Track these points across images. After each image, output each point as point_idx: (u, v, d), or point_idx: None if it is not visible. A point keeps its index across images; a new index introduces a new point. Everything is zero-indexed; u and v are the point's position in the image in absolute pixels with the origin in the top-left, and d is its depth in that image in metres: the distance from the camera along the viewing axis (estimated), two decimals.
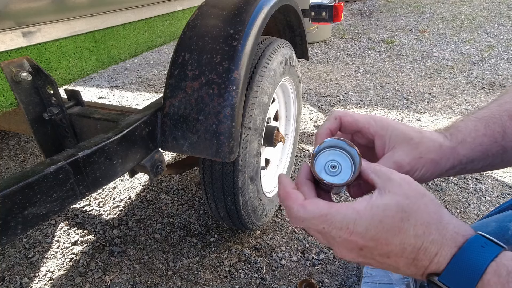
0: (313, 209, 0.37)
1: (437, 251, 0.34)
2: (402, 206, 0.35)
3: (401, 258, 0.35)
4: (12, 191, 0.57)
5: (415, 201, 0.35)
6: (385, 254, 0.36)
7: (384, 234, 0.35)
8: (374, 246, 0.35)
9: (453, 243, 0.34)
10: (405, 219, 0.34)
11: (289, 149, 1.59)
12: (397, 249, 0.35)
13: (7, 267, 1.31)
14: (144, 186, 1.73)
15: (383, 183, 0.37)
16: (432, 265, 0.34)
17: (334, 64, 3.38)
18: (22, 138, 2.23)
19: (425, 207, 0.35)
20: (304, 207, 0.37)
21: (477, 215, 1.47)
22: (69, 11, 0.88)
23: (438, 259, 0.34)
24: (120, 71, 3.46)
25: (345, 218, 0.35)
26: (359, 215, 0.35)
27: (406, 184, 0.37)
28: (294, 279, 1.23)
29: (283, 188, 0.40)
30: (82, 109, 0.96)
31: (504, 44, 3.54)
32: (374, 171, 0.39)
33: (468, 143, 0.45)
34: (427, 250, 0.34)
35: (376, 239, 0.35)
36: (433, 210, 0.35)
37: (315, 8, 1.81)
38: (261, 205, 1.25)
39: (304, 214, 0.37)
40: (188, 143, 0.88)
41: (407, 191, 0.36)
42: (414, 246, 0.34)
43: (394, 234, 0.34)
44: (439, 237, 0.34)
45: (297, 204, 0.38)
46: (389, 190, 0.36)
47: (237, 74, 0.86)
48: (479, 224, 0.59)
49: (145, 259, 1.32)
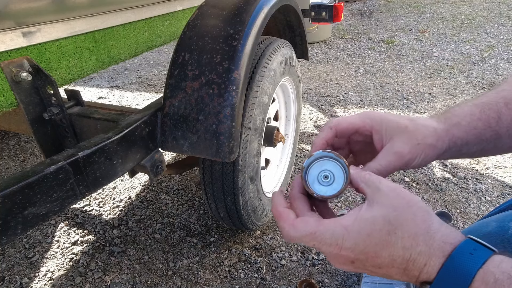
0: (302, 228, 0.38)
1: (425, 262, 0.35)
2: (389, 219, 0.36)
3: (392, 268, 0.36)
4: (12, 191, 0.57)
5: (402, 213, 0.36)
6: (377, 265, 0.37)
7: (372, 247, 0.36)
8: (365, 259, 0.37)
9: (441, 252, 0.34)
10: (392, 232, 0.35)
11: (289, 149, 1.59)
12: (387, 261, 0.36)
13: (7, 267, 1.31)
14: (144, 186, 1.73)
15: (372, 193, 0.38)
16: (422, 275, 0.35)
17: (334, 64, 3.38)
18: (22, 138, 2.23)
19: (413, 217, 0.36)
20: (294, 227, 0.39)
21: (477, 215, 1.47)
22: (69, 11, 0.88)
23: (427, 269, 0.34)
24: (120, 71, 3.46)
25: (333, 234, 0.37)
26: (347, 231, 0.36)
27: (393, 194, 0.37)
28: (294, 279, 1.23)
29: (275, 207, 0.42)
30: (82, 109, 0.96)
31: (504, 44, 3.54)
32: (363, 181, 0.40)
33: (462, 126, 0.46)
34: (415, 261, 0.35)
35: (366, 253, 0.36)
36: (421, 220, 0.36)
37: (315, 8, 1.81)
38: (261, 205, 1.25)
39: (295, 233, 0.38)
40: (188, 143, 0.88)
41: (394, 202, 0.37)
42: (403, 258, 0.35)
43: (383, 247, 0.35)
44: (427, 248, 0.35)
45: (288, 224, 0.39)
46: (377, 202, 0.37)
47: (237, 74, 0.86)
48: (479, 224, 0.59)
49: (145, 259, 1.32)
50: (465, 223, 1.44)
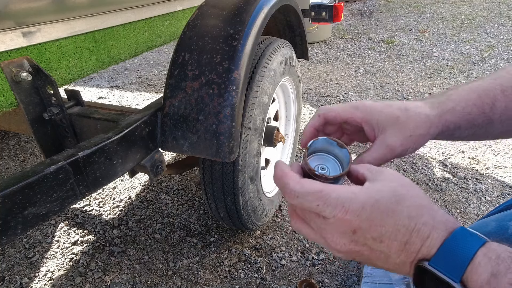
0: (309, 186, 0.37)
1: (429, 234, 0.35)
2: (396, 190, 0.37)
3: (394, 241, 0.35)
4: (12, 191, 0.57)
5: (408, 188, 0.37)
6: (378, 238, 0.36)
7: (379, 214, 0.35)
8: (368, 227, 0.35)
9: (444, 226, 0.35)
10: (400, 201, 0.36)
11: (289, 149, 1.59)
12: (391, 230, 0.35)
13: (7, 267, 1.31)
14: (144, 186, 1.73)
15: (374, 175, 0.39)
16: (423, 248, 0.35)
17: (334, 64, 3.38)
18: (22, 138, 2.23)
19: (417, 193, 0.38)
20: (300, 184, 0.37)
21: (477, 215, 1.47)
22: (69, 11, 0.88)
23: (429, 242, 0.35)
24: (120, 71, 3.46)
25: (340, 196, 0.36)
26: (355, 195, 0.36)
27: (397, 176, 0.39)
28: (294, 279, 1.23)
29: (280, 169, 0.40)
30: (82, 109, 0.96)
31: (504, 44, 3.54)
32: (368, 169, 0.41)
33: (457, 112, 0.47)
34: (419, 232, 0.35)
35: (371, 219, 0.35)
36: (424, 197, 0.38)
37: (315, 8, 1.81)
38: (261, 205, 1.25)
39: (300, 189, 0.37)
40: (188, 143, 0.88)
41: (399, 180, 0.38)
42: (407, 228, 0.35)
43: (388, 215, 0.35)
44: (431, 220, 0.35)
45: (294, 180, 0.38)
46: (382, 179, 0.38)
47: (237, 74, 0.86)
48: (479, 224, 0.60)
49: (145, 259, 1.32)
50: (465, 223, 1.44)
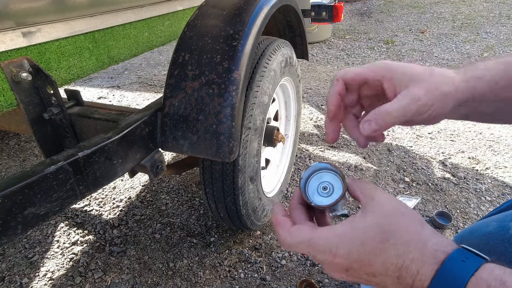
0: (297, 235, 0.39)
1: (418, 269, 0.35)
2: (382, 227, 0.36)
3: (386, 276, 0.36)
4: (12, 191, 0.57)
5: (395, 221, 0.37)
6: (371, 274, 0.37)
7: (366, 255, 0.36)
8: (359, 267, 0.37)
9: (433, 259, 0.34)
10: (385, 240, 0.36)
11: (289, 149, 1.59)
12: (380, 269, 0.36)
13: (7, 267, 1.31)
14: (144, 186, 1.73)
15: (366, 202, 0.39)
16: (416, 283, 0.35)
17: (334, 64, 3.38)
18: (22, 138, 2.23)
19: (405, 226, 0.36)
20: (290, 234, 0.40)
21: (477, 215, 1.47)
22: (69, 11, 0.88)
23: (420, 277, 0.35)
24: (120, 71, 3.46)
25: (327, 242, 0.37)
26: (340, 239, 0.37)
27: (387, 204, 0.38)
28: (294, 279, 1.23)
29: (274, 215, 0.43)
30: (82, 109, 0.96)
31: (504, 44, 3.54)
32: (360, 190, 0.41)
33: (485, 80, 0.43)
34: (408, 269, 0.35)
35: (360, 261, 0.36)
36: (413, 229, 0.36)
37: (315, 8, 1.81)
38: (261, 205, 1.25)
39: (290, 240, 0.39)
40: (188, 143, 0.88)
41: (387, 211, 0.37)
42: (396, 265, 0.35)
43: (376, 255, 0.36)
44: (419, 255, 0.35)
45: (284, 231, 0.40)
46: (371, 210, 0.38)
47: (237, 74, 0.86)
48: (479, 224, 0.59)
49: (145, 259, 1.32)
50: (465, 223, 1.44)
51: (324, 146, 2.03)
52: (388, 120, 0.41)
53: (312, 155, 1.94)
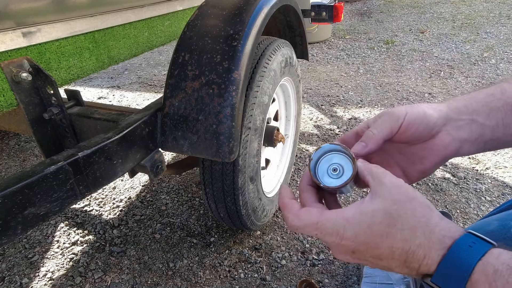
0: (305, 218, 0.40)
1: (424, 254, 0.35)
2: (389, 212, 0.37)
3: (392, 260, 0.37)
4: (12, 191, 0.57)
5: (403, 206, 0.37)
6: (377, 257, 0.37)
7: (373, 238, 0.37)
8: (365, 249, 0.37)
9: (440, 245, 0.35)
10: (392, 225, 0.36)
11: (289, 149, 1.59)
12: (387, 252, 0.37)
13: (7, 267, 1.31)
14: (144, 186, 1.73)
15: (375, 186, 0.39)
16: (422, 267, 0.35)
17: (334, 64, 3.38)
18: (22, 138, 2.23)
19: (413, 211, 0.37)
20: (298, 216, 0.40)
21: (477, 215, 1.47)
22: (69, 11, 0.88)
23: (427, 261, 0.35)
24: (120, 71, 3.46)
25: (335, 225, 0.38)
26: (348, 222, 0.37)
27: (395, 189, 0.38)
28: (294, 279, 1.22)
29: (281, 198, 0.44)
30: (82, 109, 0.96)
31: (504, 44, 3.54)
32: (370, 173, 0.41)
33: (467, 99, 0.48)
34: (414, 253, 0.35)
35: (366, 243, 0.37)
36: (421, 214, 0.36)
37: (315, 8, 1.81)
38: (261, 205, 1.25)
39: (298, 222, 0.40)
40: (188, 143, 0.88)
41: (396, 196, 0.38)
42: (402, 249, 0.36)
43: (382, 239, 0.36)
44: (426, 241, 0.35)
45: (292, 213, 0.41)
46: (379, 195, 0.38)
47: (237, 74, 0.86)
48: (480, 223, 0.59)
49: (145, 259, 1.32)
50: (465, 223, 1.44)
51: None
52: (375, 140, 0.45)
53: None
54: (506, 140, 0.48)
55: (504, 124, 0.47)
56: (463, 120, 0.47)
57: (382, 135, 0.45)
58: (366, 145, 0.45)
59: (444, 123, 0.47)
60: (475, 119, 0.47)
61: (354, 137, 0.51)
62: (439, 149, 0.47)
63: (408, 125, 0.45)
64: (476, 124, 0.47)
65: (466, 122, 0.47)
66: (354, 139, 0.51)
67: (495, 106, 0.47)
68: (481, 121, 0.47)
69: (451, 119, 0.47)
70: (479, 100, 0.47)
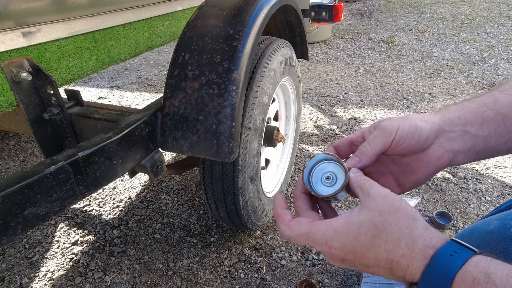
0: (296, 229, 0.42)
1: (408, 264, 0.36)
2: (374, 223, 0.38)
3: (378, 268, 0.39)
4: (12, 191, 0.57)
5: (387, 218, 0.38)
6: (365, 264, 0.39)
7: (359, 248, 0.38)
8: (353, 258, 0.39)
9: (422, 255, 0.36)
10: (377, 236, 0.38)
11: (289, 149, 1.59)
12: (373, 261, 0.38)
13: (7, 267, 1.31)
14: (144, 186, 1.73)
15: (363, 198, 0.41)
16: (407, 276, 0.37)
17: (334, 64, 3.38)
18: (22, 138, 2.23)
19: (396, 223, 0.38)
20: (289, 227, 0.42)
21: (477, 215, 1.47)
22: (69, 11, 0.88)
23: (410, 271, 0.36)
24: (120, 71, 3.46)
25: (324, 235, 0.40)
26: (336, 232, 0.39)
27: (381, 200, 0.39)
28: (294, 279, 1.22)
29: (274, 208, 0.46)
30: (82, 109, 0.96)
31: (504, 44, 3.54)
32: (359, 185, 0.42)
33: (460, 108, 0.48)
34: (398, 263, 0.37)
35: (353, 253, 0.39)
36: (404, 225, 0.38)
37: (315, 8, 1.81)
38: (261, 205, 1.25)
39: (290, 233, 0.42)
40: (188, 143, 0.88)
41: (381, 206, 0.39)
42: (387, 259, 0.37)
43: (368, 248, 0.38)
44: (408, 252, 0.36)
45: (284, 224, 0.43)
46: (366, 206, 0.40)
47: (237, 74, 0.86)
48: (480, 223, 0.59)
49: (145, 259, 1.32)
50: (465, 223, 1.44)
51: (324, 146, 2.03)
52: (368, 156, 0.46)
53: (312, 155, 1.94)
54: (499, 149, 0.49)
55: (496, 134, 0.47)
56: (455, 131, 0.47)
57: (375, 151, 0.47)
58: (359, 160, 0.47)
59: (437, 135, 0.47)
60: (468, 130, 0.47)
61: (348, 145, 0.52)
62: (432, 160, 0.48)
63: (400, 140, 0.46)
64: (469, 135, 0.47)
65: (459, 133, 0.47)
66: (349, 147, 0.52)
67: (487, 116, 0.47)
68: (474, 131, 0.47)
69: (443, 131, 0.47)
70: (472, 111, 0.48)
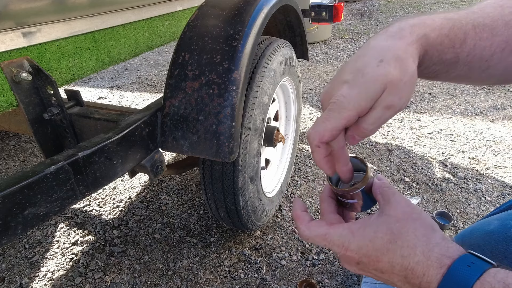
0: (315, 229, 0.43)
1: (423, 272, 0.36)
2: (391, 228, 0.39)
3: (393, 274, 0.39)
4: (12, 191, 0.57)
5: (405, 224, 0.39)
6: (379, 270, 0.40)
7: (374, 252, 0.39)
8: (367, 262, 0.40)
9: (438, 264, 0.36)
10: (393, 241, 0.38)
11: (289, 149, 1.59)
12: (387, 266, 0.39)
13: (7, 267, 1.31)
14: (144, 186, 1.73)
15: (384, 205, 0.42)
16: (423, 284, 0.37)
17: (334, 64, 3.38)
18: (22, 138, 2.23)
19: (414, 231, 0.38)
20: (308, 228, 0.44)
21: (477, 215, 1.47)
22: (69, 11, 0.88)
23: (426, 279, 0.36)
24: (120, 71, 3.46)
25: (341, 237, 0.41)
26: (353, 235, 0.40)
27: (401, 208, 0.40)
28: (294, 279, 1.22)
29: (294, 210, 0.48)
30: (82, 109, 0.96)
31: None
32: (381, 192, 0.43)
33: (430, 39, 0.42)
34: (414, 270, 0.37)
35: (368, 256, 0.39)
36: (421, 233, 0.38)
37: (315, 8, 1.81)
38: (261, 205, 1.25)
39: (309, 234, 0.44)
40: (188, 143, 0.88)
41: (400, 215, 0.40)
42: (402, 265, 0.38)
43: (383, 253, 0.38)
44: (424, 259, 0.37)
45: (304, 224, 0.45)
46: (385, 213, 0.41)
47: (237, 74, 0.86)
48: (481, 223, 0.60)
49: (145, 259, 1.32)
50: (465, 223, 1.44)
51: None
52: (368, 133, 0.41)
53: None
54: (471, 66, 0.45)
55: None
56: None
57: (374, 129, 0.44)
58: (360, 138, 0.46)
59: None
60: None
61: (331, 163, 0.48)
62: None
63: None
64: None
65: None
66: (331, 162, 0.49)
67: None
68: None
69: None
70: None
